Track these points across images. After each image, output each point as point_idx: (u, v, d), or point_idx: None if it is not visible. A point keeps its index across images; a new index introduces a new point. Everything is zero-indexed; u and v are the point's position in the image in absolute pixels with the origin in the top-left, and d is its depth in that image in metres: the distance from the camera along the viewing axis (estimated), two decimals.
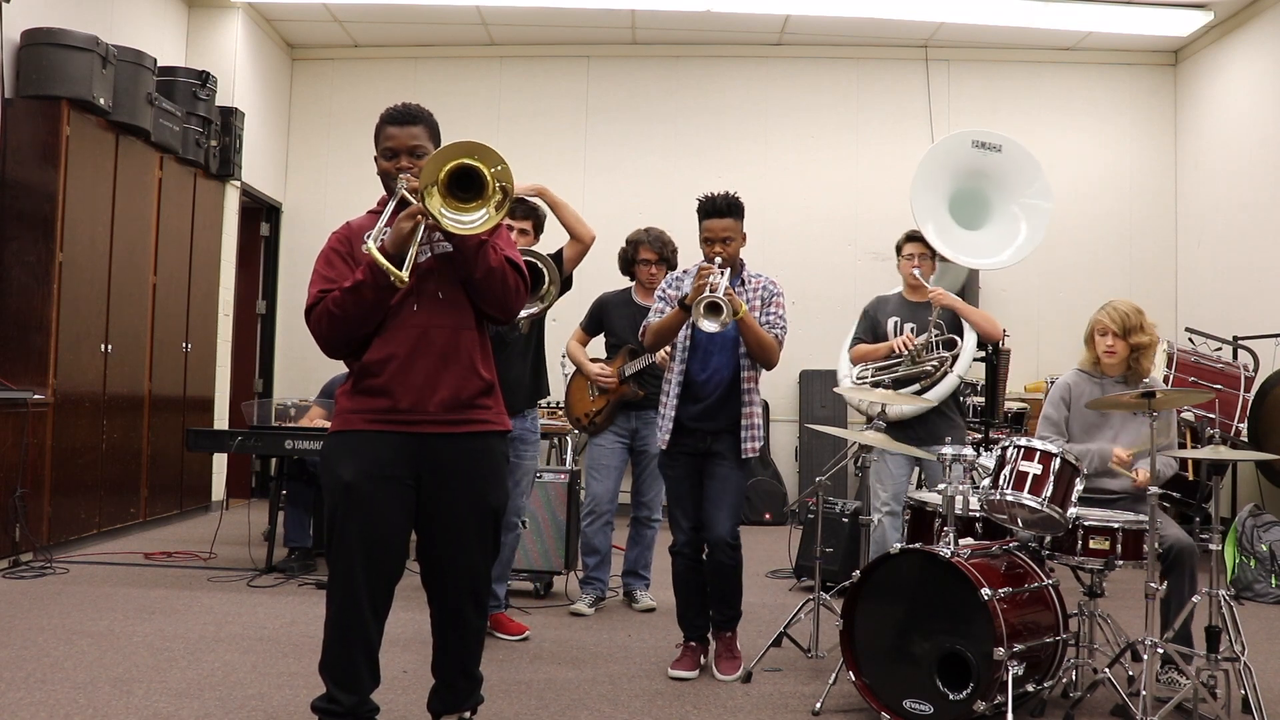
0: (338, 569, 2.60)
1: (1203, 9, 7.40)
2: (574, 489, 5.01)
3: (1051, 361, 7.75)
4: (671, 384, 3.68)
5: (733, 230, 3.59)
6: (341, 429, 2.67)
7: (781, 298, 3.68)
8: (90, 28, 5.75)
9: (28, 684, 3.35)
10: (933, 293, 4.45)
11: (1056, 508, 3.26)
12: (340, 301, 2.56)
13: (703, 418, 3.64)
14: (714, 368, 3.65)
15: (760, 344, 3.57)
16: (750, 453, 3.62)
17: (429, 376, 2.61)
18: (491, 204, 2.51)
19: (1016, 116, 8.27)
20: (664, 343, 3.69)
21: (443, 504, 2.66)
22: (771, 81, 8.40)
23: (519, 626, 4.18)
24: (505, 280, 2.64)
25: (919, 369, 4.40)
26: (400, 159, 2.67)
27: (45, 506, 5.38)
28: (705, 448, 3.65)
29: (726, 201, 3.59)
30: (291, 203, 8.51)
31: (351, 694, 2.59)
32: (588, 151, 8.36)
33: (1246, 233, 7.27)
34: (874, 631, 3.26)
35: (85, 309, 5.73)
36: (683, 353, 3.69)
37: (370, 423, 2.63)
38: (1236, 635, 3.32)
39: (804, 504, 5.44)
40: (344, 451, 2.63)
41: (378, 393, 2.62)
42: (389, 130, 2.70)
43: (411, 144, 2.67)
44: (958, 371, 4.42)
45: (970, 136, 5.01)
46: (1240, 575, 5.45)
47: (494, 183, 2.51)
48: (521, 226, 3.93)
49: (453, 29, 8.18)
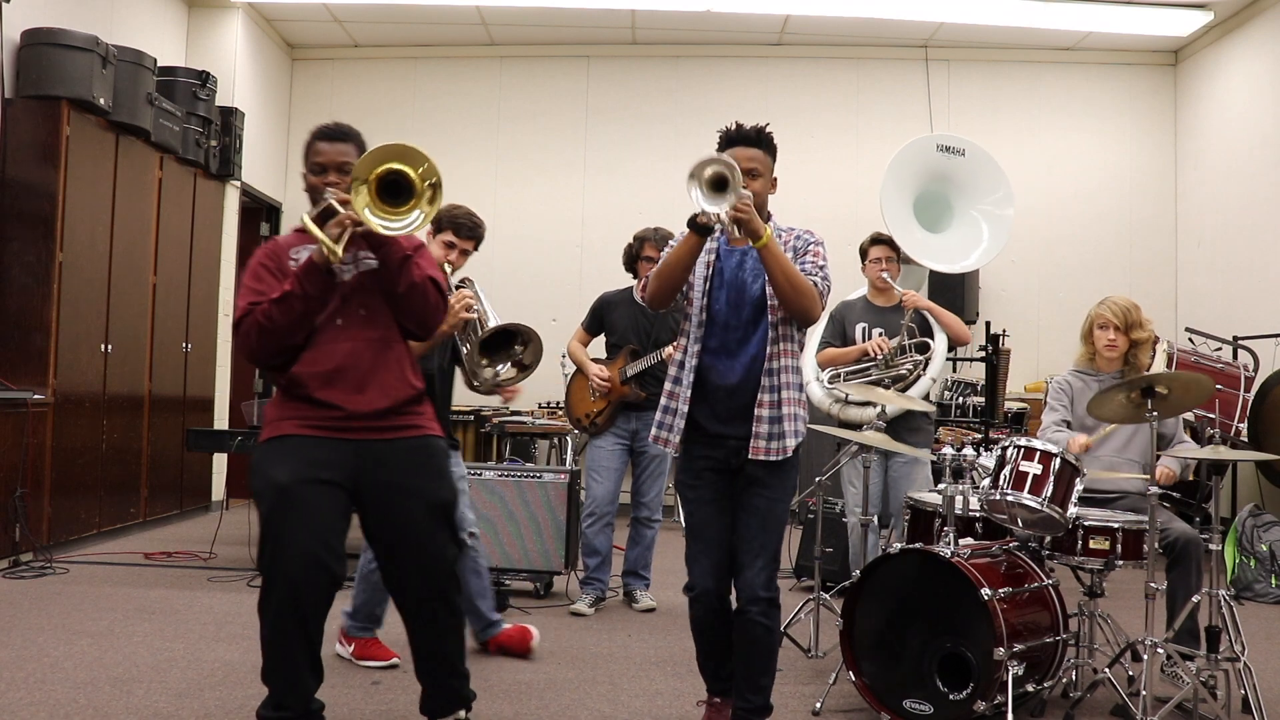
0: (275, 572, 2.52)
1: (1203, 9, 7.39)
2: (574, 489, 5.01)
3: (1051, 361, 7.74)
4: (685, 371, 2.84)
5: (759, 163, 2.81)
6: (274, 435, 2.67)
7: (820, 247, 2.86)
8: (90, 28, 5.75)
9: (28, 684, 3.35)
10: (905, 295, 4.45)
11: (1056, 508, 3.26)
12: (269, 313, 2.60)
13: (729, 419, 2.83)
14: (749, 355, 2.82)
15: (791, 281, 2.72)
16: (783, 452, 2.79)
17: (359, 386, 2.65)
18: (423, 201, 2.59)
19: (1016, 116, 8.28)
20: (667, 286, 2.84)
21: (393, 507, 2.65)
22: (771, 81, 8.40)
23: (387, 652, 3.72)
24: (426, 295, 2.70)
25: (892, 372, 4.41)
26: (329, 175, 2.74)
27: (45, 506, 5.38)
28: (738, 463, 2.83)
29: (756, 130, 2.84)
30: (292, 203, 8.50)
31: (300, 699, 2.58)
32: (588, 151, 8.36)
33: (1246, 232, 7.27)
34: (874, 631, 3.26)
35: (85, 309, 5.73)
36: (698, 328, 2.85)
37: (304, 427, 2.64)
38: (1236, 635, 3.32)
39: (804, 504, 5.44)
40: (277, 456, 2.61)
41: (311, 402, 2.65)
42: (319, 146, 2.78)
43: (340, 160, 2.73)
44: (930, 374, 4.42)
45: (935, 140, 5.02)
46: (1240, 575, 5.46)
47: (422, 182, 2.58)
48: (465, 247, 3.82)
49: (453, 29, 8.18)
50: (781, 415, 2.77)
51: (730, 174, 2.62)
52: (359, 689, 3.45)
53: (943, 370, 4.54)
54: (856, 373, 4.49)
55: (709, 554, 2.85)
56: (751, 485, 2.82)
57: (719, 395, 2.82)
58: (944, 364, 4.54)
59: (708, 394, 2.83)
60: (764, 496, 2.81)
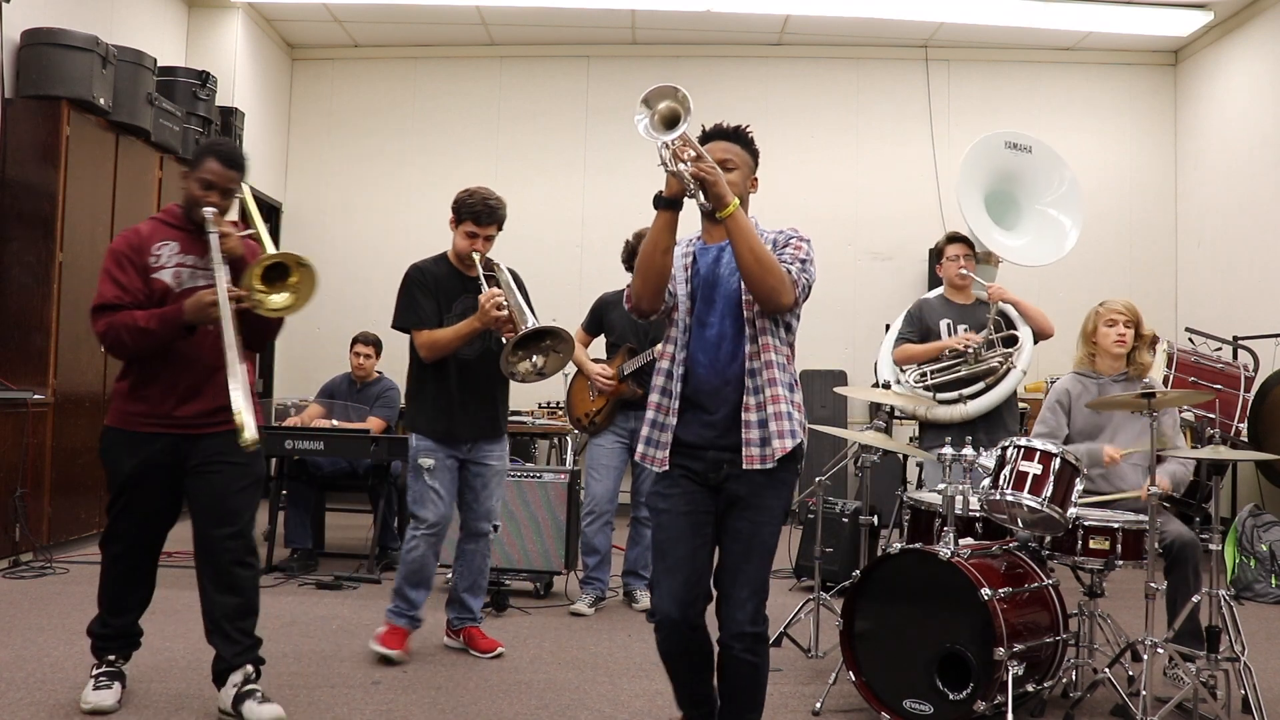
0: (118, 530, 3.20)
1: (1203, 9, 7.39)
2: (574, 489, 5.01)
3: (1051, 361, 7.73)
4: (673, 381, 2.61)
5: (735, 155, 2.64)
6: (121, 426, 3.18)
7: (805, 243, 2.61)
8: (90, 28, 5.75)
9: (28, 684, 3.35)
10: (990, 288, 4.45)
11: (1056, 508, 3.26)
12: (132, 334, 3.04)
13: (710, 427, 2.57)
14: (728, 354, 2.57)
15: (757, 257, 2.45)
16: (777, 452, 2.51)
17: (191, 390, 3.11)
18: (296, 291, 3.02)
19: (1016, 116, 8.27)
20: (650, 276, 2.59)
21: (211, 478, 3.12)
22: (771, 81, 8.40)
23: (491, 643, 3.90)
24: (269, 322, 3.13)
25: (983, 366, 4.39)
26: (213, 194, 3.07)
27: (45, 506, 5.38)
28: (718, 480, 2.56)
29: (734, 127, 2.70)
30: (292, 202, 8.51)
31: (122, 617, 3.25)
32: (588, 151, 8.36)
33: (1246, 233, 7.27)
34: (874, 631, 3.26)
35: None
36: (684, 333, 2.61)
37: (144, 425, 3.13)
38: (1236, 635, 3.33)
39: (804, 504, 5.44)
40: (127, 448, 3.16)
41: (151, 400, 3.13)
42: (213, 165, 3.09)
43: (228, 185, 3.09)
44: (1021, 366, 4.41)
45: (1004, 137, 5.05)
46: (1240, 575, 5.45)
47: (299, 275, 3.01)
48: (489, 233, 3.89)
49: (453, 29, 8.18)
50: (769, 416, 2.50)
51: (683, 112, 2.44)
52: (359, 689, 3.45)
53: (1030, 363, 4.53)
54: (945, 369, 4.46)
55: (673, 575, 2.55)
56: (734, 506, 2.53)
57: (700, 401, 2.57)
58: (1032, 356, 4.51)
59: (689, 402, 2.59)
60: (748, 520, 2.52)
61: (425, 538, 3.77)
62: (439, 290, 3.81)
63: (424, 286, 3.81)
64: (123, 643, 3.28)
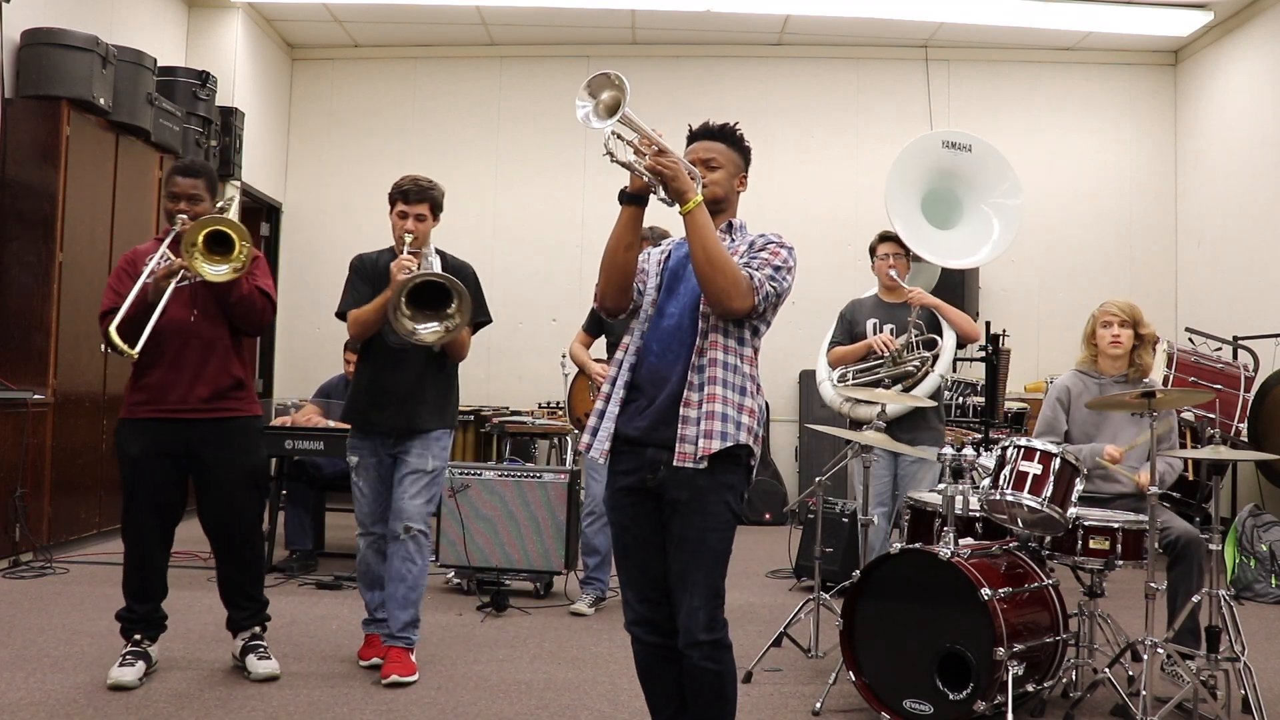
0: (131, 517, 3.46)
1: (1203, 9, 7.40)
2: (574, 489, 5.01)
3: (1051, 361, 7.74)
4: (622, 370, 2.52)
5: (719, 153, 2.61)
6: (128, 417, 3.49)
7: (784, 250, 2.54)
8: (90, 28, 5.75)
9: (28, 684, 3.35)
10: (910, 293, 4.45)
11: (1056, 508, 3.26)
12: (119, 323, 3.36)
13: (651, 420, 2.46)
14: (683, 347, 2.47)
15: (709, 256, 2.38)
16: (702, 451, 2.36)
17: (191, 376, 3.43)
18: (236, 263, 3.35)
19: (1016, 116, 8.28)
20: (613, 273, 2.53)
21: (215, 471, 3.48)
22: (771, 81, 8.40)
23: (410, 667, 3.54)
24: (254, 304, 3.49)
25: (900, 369, 4.40)
26: (180, 203, 3.49)
27: (45, 506, 5.38)
28: (655, 483, 2.44)
29: (720, 125, 2.66)
30: (292, 202, 8.50)
31: (145, 603, 3.48)
32: (588, 151, 8.35)
33: (1246, 233, 7.27)
34: (874, 631, 3.26)
35: (85, 309, 5.71)
36: (644, 322, 2.54)
37: (145, 412, 3.45)
38: (1236, 635, 3.32)
39: (804, 504, 5.44)
40: (131, 435, 3.47)
41: (150, 388, 3.44)
42: (176, 179, 3.52)
43: (191, 192, 3.51)
44: (939, 370, 4.42)
45: (940, 137, 5.03)
46: (1240, 575, 5.45)
47: (240, 248, 3.36)
48: (418, 211, 3.73)
49: (453, 29, 8.18)
50: (703, 415, 2.38)
51: (621, 97, 2.39)
52: (359, 689, 3.45)
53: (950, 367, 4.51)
54: (864, 371, 4.48)
55: (631, 589, 2.53)
56: (675, 513, 2.42)
57: (643, 387, 2.48)
58: (951, 361, 4.52)
59: (634, 389, 2.49)
60: (692, 525, 2.39)
61: (360, 538, 3.74)
62: (376, 276, 3.72)
63: (362, 273, 3.74)
64: (147, 625, 3.51)
